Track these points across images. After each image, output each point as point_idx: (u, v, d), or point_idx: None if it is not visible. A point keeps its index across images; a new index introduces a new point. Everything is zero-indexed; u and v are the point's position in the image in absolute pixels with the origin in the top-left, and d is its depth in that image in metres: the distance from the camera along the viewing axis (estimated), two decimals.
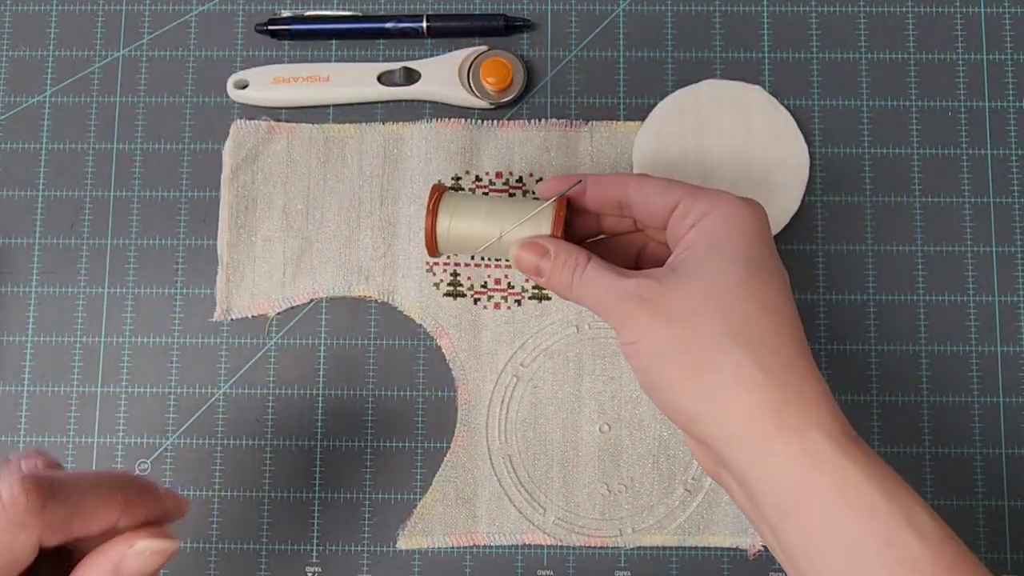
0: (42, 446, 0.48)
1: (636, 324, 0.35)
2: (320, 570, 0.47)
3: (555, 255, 0.38)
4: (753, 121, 0.49)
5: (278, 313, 0.48)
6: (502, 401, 0.47)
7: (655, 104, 0.49)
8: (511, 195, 0.48)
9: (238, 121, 0.49)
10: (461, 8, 0.51)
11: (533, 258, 0.39)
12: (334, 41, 0.50)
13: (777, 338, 0.34)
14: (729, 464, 0.34)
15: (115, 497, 0.29)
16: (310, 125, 0.49)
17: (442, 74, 0.49)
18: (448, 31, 0.50)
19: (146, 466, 0.47)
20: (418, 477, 0.47)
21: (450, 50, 0.49)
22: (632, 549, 0.46)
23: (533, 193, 0.48)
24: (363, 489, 0.47)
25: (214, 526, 0.47)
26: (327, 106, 0.50)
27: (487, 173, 0.48)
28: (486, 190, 0.48)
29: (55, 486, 0.28)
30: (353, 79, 0.49)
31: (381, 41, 0.50)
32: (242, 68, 0.50)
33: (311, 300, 0.48)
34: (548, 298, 0.48)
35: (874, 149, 0.49)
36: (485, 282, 0.48)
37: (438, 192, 0.41)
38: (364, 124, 0.49)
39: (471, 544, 0.46)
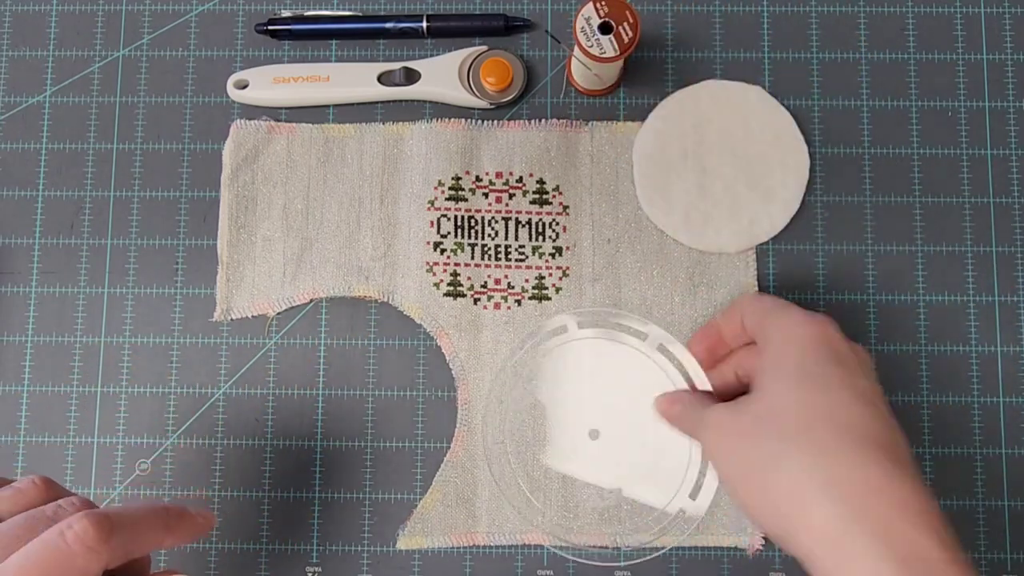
0: (42, 446, 0.48)
1: (713, 448, 0.39)
2: (320, 570, 0.47)
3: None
4: (753, 121, 0.49)
5: (278, 313, 0.48)
6: (501, 401, 0.47)
7: (655, 104, 0.49)
8: (511, 196, 0.48)
9: (238, 121, 0.49)
10: (461, 8, 0.51)
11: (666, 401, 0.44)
12: (334, 41, 0.50)
13: (838, 444, 0.34)
14: None
15: (160, 523, 0.35)
16: (310, 125, 0.49)
17: (442, 74, 0.49)
18: (448, 31, 0.50)
19: (146, 465, 0.47)
20: (418, 477, 0.47)
21: (450, 50, 0.49)
22: (632, 549, 0.46)
23: (536, 192, 0.48)
24: (363, 489, 0.47)
25: (214, 526, 0.47)
26: (327, 106, 0.50)
27: (487, 173, 0.48)
28: (486, 191, 0.48)
29: (114, 519, 0.32)
30: (353, 79, 0.49)
31: (381, 41, 0.50)
32: (242, 68, 0.50)
33: (311, 300, 0.48)
34: (548, 298, 0.48)
35: (874, 149, 0.49)
36: (485, 282, 0.48)
37: None
38: (364, 124, 0.49)
39: (471, 544, 0.46)
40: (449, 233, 0.48)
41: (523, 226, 0.48)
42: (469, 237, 0.48)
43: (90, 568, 0.31)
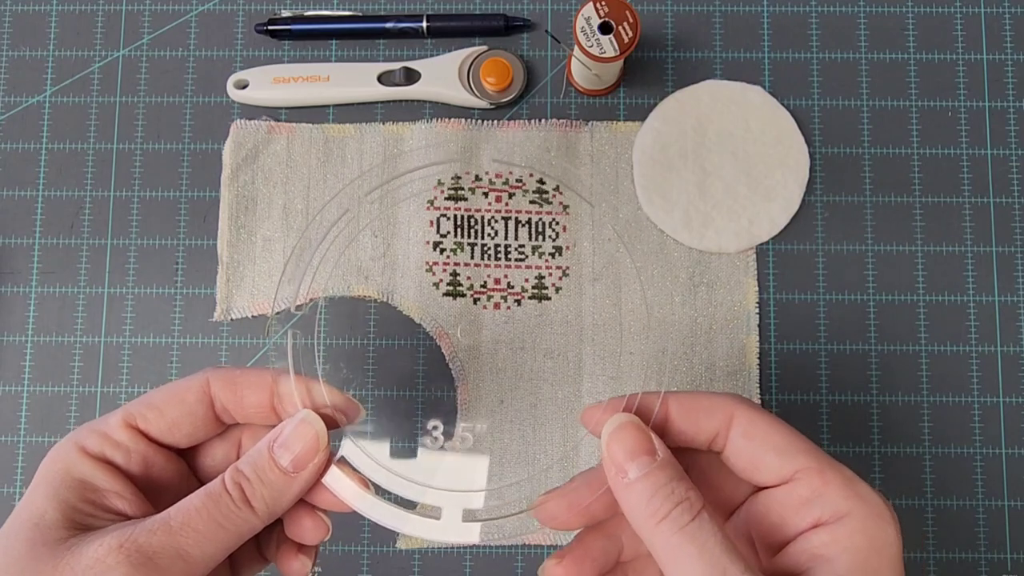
0: (42, 446, 0.48)
1: None
2: (320, 570, 0.46)
3: (661, 466, 0.28)
4: (753, 121, 0.49)
5: (278, 313, 0.48)
6: (501, 401, 0.47)
7: (655, 104, 0.49)
8: (511, 195, 0.48)
9: (238, 121, 0.49)
10: (461, 8, 0.51)
11: (627, 450, 0.29)
12: (334, 41, 0.50)
13: None
14: None
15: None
16: (310, 125, 0.49)
17: (442, 74, 0.49)
18: (448, 31, 0.50)
19: None
20: None
21: (450, 50, 0.49)
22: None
23: (536, 191, 0.48)
24: None
25: None
26: (327, 106, 0.50)
27: (487, 173, 0.48)
28: (486, 190, 0.48)
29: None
30: (353, 79, 0.49)
31: (381, 41, 0.50)
32: (242, 68, 0.50)
33: (311, 300, 0.48)
34: (548, 298, 0.48)
35: (874, 149, 0.49)
36: (485, 282, 0.48)
37: None
38: (364, 124, 0.49)
39: (471, 544, 0.46)
40: (449, 233, 0.48)
41: (523, 226, 0.48)
42: (469, 237, 0.48)
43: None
